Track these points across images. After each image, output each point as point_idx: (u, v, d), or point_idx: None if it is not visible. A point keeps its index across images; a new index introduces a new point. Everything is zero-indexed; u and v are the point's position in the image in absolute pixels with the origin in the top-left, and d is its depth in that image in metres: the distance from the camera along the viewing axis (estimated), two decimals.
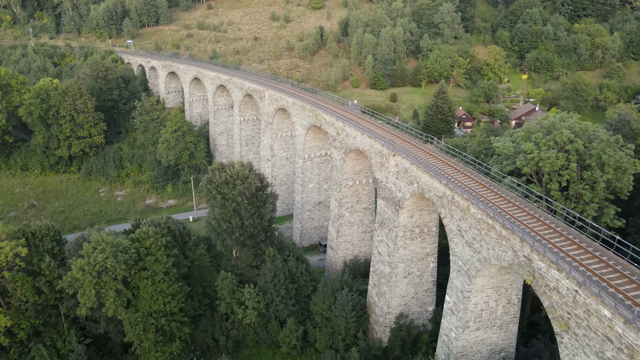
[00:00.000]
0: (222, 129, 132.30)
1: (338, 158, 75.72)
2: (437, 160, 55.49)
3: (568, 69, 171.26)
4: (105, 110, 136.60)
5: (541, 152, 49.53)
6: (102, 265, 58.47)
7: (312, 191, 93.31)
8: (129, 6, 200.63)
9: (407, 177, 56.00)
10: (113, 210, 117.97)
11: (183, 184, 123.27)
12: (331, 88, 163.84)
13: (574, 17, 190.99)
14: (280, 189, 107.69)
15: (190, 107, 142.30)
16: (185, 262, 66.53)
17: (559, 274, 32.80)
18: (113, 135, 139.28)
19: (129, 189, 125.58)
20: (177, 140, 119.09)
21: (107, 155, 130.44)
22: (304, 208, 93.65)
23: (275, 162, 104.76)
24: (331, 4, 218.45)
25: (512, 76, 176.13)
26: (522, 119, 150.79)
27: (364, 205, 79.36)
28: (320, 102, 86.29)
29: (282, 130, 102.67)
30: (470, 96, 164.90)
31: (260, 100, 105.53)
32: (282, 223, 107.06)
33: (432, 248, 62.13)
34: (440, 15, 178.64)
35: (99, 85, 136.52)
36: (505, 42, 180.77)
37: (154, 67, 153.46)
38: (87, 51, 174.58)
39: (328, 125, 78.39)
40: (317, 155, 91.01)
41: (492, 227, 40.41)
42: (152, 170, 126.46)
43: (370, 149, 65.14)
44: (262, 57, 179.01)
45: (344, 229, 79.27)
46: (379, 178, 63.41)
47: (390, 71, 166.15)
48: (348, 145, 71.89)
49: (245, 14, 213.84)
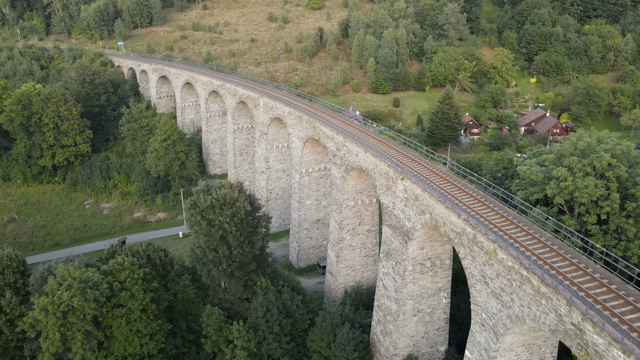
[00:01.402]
0: (216, 136, 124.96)
1: (338, 176, 68.33)
2: (452, 186, 48.07)
3: (579, 72, 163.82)
4: (92, 116, 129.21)
5: (577, 179, 42.10)
6: (68, 305, 51.05)
7: (310, 208, 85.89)
8: (121, 6, 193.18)
9: (417, 206, 48.59)
10: (98, 224, 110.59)
11: (173, 196, 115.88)
12: (331, 92, 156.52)
13: (583, 17, 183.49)
14: (276, 203, 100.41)
15: (182, 113, 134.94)
16: (166, 295, 59.15)
17: (625, 358, 25.37)
18: (101, 142, 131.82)
19: (116, 201, 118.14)
20: (166, 150, 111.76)
21: (93, 164, 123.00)
22: (301, 227, 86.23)
23: (271, 174, 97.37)
24: (331, 4, 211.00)
25: (519, 80, 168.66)
26: (531, 125, 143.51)
27: (366, 227, 71.98)
28: (319, 112, 78.88)
29: (278, 140, 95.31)
30: (477, 101, 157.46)
31: (254, 108, 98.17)
32: (277, 240, 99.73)
33: (445, 282, 54.79)
34: (445, 16, 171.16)
35: (86, 91, 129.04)
36: (513, 44, 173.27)
37: (145, 70, 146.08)
38: (76, 53, 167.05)
39: (327, 139, 70.99)
40: (315, 170, 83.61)
41: (527, 279, 32.99)
42: (140, 181, 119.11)
43: (375, 169, 57.74)
44: (259, 60, 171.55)
45: (344, 253, 71.86)
46: (385, 203, 56.03)
47: (393, 75, 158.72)
48: (349, 163, 64.49)
49: (242, 14, 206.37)
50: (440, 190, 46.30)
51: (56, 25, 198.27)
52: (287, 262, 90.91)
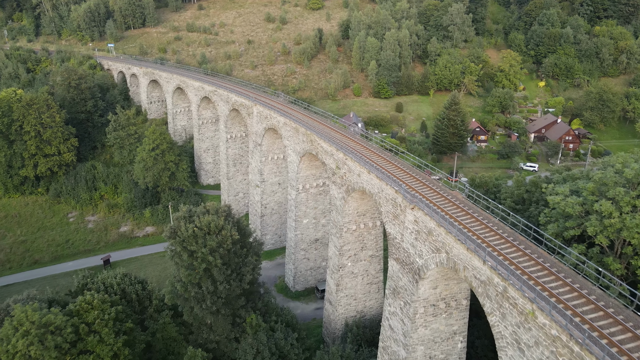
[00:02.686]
0: (208, 145, 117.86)
1: (338, 197, 61.22)
2: (471, 219, 40.96)
3: (590, 75, 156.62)
4: (78, 123, 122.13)
5: (625, 215, 35.00)
6: (25, 355, 43.96)
7: (307, 227, 78.77)
8: (112, 6, 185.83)
9: (431, 242, 41.50)
10: (82, 240, 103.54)
11: (163, 209, 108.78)
12: (331, 97, 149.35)
13: (593, 18, 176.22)
14: (272, 219, 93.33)
15: (173, 120, 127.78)
16: (143, 336, 52.03)
17: None
18: (87, 151, 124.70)
19: (102, 213, 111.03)
20: (155, 160, 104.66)
21: (78, 174, 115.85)
22: (298, 247, 79.10)
23: (266, 188, 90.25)
24: (331, 5, 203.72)
25: (527, 83, 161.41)
26: (542, 132, 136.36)
27: (369, 252, 64.87)
28: (317, 123, 71.75)
29: (273, 152, 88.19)
30: (483, 106, 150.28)
31: (248, 116, 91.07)
32: (273, 258, 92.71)
33: (461, 325, 47.70)
34: (450, 16, 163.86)
35: (71, 96, 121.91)
36: (520, 45, 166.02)
37: (135, 74, 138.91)
38: (64, 56, 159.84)
39: (326, 155, 63.89)
40: (313, 186, 76.48)
41: (580, 358, 25.86)
42: (128, 193, 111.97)
43: (380, 194, 50.62)
44: (255, 62, 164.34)
45: (345, 282, 64.75)
46: (391, 232, 48.93)
47: (396, 78, 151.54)
48: (351, 184, 57.39)
49: (238, 14, 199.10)
50: (459, 226, 39.18)
51: (46, 26, 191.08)
52: (282, 284, 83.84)
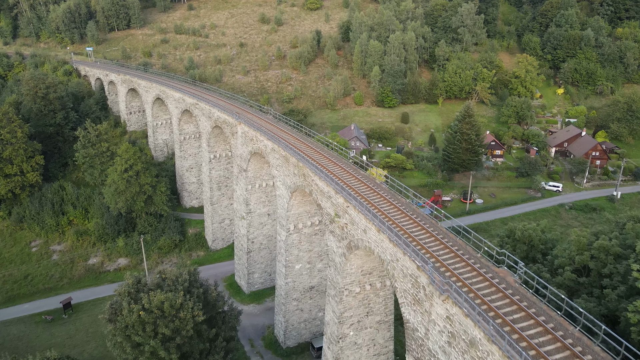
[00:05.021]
0: (192, 163, 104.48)
1: (337, 252, 47.87)
2: (532, 321, 27.62)
3: (613, 82, 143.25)
4: (45, 138, 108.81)
5: None
6: None
7: (300, 274, 65.44)
8: (94, 6, 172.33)
9: (477, 356, 28.13)
10: (43, 275, 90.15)
11: (139, 236, 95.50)
12: (329, 106, 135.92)
13: (614, 19, 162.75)
14: (260, 255, 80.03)
15: (154, 133, 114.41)
16: None
17: None
18: (57, 168, 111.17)
19: (70, 241, 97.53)
20: (128, 183, 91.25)
21: (44, 197, 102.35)
22: (289, 297, 65.76)
23: (253, 220, 76.96)
24: (330, 4, 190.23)
25: (544, 90, 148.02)
26: (564, 146, 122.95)
27: (377, 317, 51.52)
28: (313, 151, 58.40)
29: (261, 178, 74.93)
30: (497, 116, 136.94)
31: (232, 136, 77.76)
32: (261, 301, 79.41)
33: None
34: (460, 17, 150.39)
35: (38, 107, 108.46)
36: (536, 49, 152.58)
37: (113, 81, 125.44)
38: (38, 60, 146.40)
39: (322, 196, 50.56)
40: (307, 225, 63.17)
41: None
42: (100, 218, 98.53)
43: (395, 263, 37.26)
44: (247, 68, 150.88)
45: (346, 354, 51.41)
46: (410, 320, 35.58)
47: (401, 85, 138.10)
48: (354, 239, 44.09)
49: (231, 15, 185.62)
50: (519, 342, 25.78)
51: (24, 27, 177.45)
52: (272, 337, 70.41)
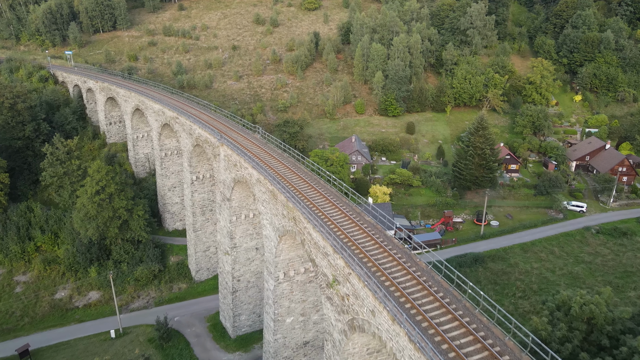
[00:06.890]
0: (174, 181, 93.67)
1: (335, 326, 36.97)
2: None
3: (635, 88, 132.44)
4: (13, 152, 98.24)
5: None
6: None
7: (292, 328, 54.58)
8: (77, 7, 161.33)
9: None
10: (2, 312, 79.39)
11: (114, 265, 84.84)
12: (328, 115, 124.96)
13: (633, 20, 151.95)
14: (247, 295, 69.26)
15: (134, 147, 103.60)
16: None
17: None
18: (26, 186, 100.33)
19: (37, 271, 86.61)
20: (100, 207, 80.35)
21: (9, 220, 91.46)
22: (279, 355, 54.90)
23: (239, 256, 66.12)
24: (329, 4, 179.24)
25: (560, 97, 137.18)
26: (586, 160, 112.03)
27: None
28: (307, 187, 47.46)
29: (247, 207, 64.12)
30: (511, 125, 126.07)
31: (214, 158, 66.94)
32: (248, 348, 68.73)
33: None
34: (469, 18, 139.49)
35: (4, 119, 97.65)
36: (550, 52, 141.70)
37: (92, 89, 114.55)
38: (13, 65, 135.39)
39: (317, 251, 39.65)
40: (300, 272, 52.30)
41: None
42: (70, 244, 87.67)
43: None
44: (240, 72, 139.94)
45: None
46: None
47: (406, 92, 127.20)
48: (357, 318, 33.19)
49: (223, 15, 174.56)
50: None
51: (3, 29, 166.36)
52: None
